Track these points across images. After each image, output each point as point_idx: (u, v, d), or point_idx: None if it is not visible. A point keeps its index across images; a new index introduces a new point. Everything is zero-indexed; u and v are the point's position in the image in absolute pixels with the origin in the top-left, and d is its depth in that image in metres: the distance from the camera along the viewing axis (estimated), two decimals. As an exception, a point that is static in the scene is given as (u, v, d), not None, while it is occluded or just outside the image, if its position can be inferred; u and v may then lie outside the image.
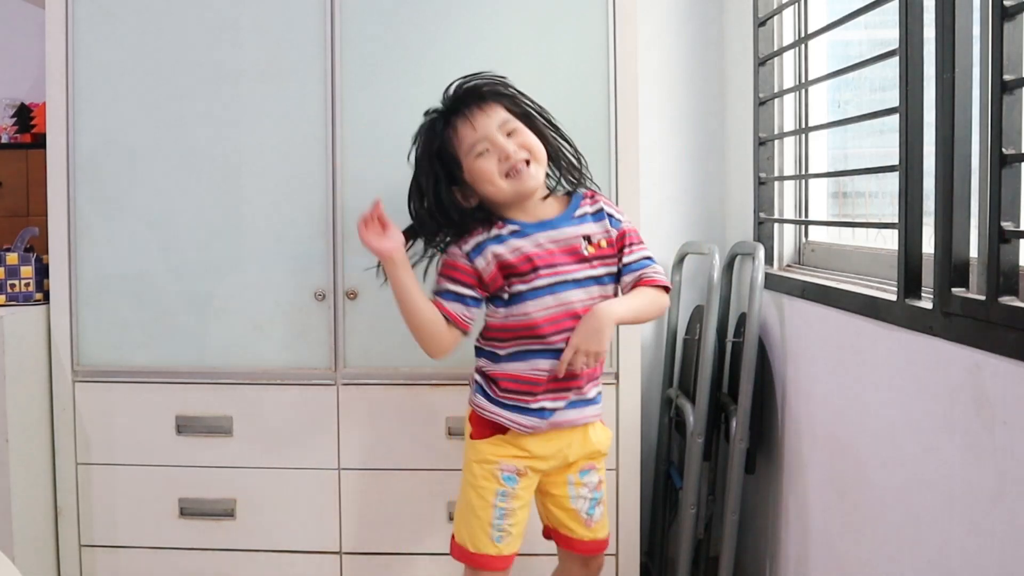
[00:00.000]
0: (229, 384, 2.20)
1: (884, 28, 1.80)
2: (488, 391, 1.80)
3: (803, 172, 2.20)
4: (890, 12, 1.59)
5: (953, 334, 1.34)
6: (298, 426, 2.20)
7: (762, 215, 2.25)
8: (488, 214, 1.77)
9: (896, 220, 1.55)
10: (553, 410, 1.77)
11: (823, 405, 1.83)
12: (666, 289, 1.82)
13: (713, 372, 2.14)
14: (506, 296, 1.75)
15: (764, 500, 2.21)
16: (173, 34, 2.18)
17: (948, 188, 1.38)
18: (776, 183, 2.24)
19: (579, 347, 1.69)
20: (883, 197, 2.01)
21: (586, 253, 1.76)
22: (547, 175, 1.81)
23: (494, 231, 1.75)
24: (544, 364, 1.75)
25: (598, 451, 1.85)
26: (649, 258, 1.83)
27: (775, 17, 2.20)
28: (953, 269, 1.37)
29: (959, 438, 1.31)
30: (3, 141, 2.62)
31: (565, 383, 1.76)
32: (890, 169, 1.59)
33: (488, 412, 1.79)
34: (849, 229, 2.06)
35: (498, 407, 1.78)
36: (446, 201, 1.75)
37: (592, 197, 1.82)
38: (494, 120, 1.72)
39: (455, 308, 1.75)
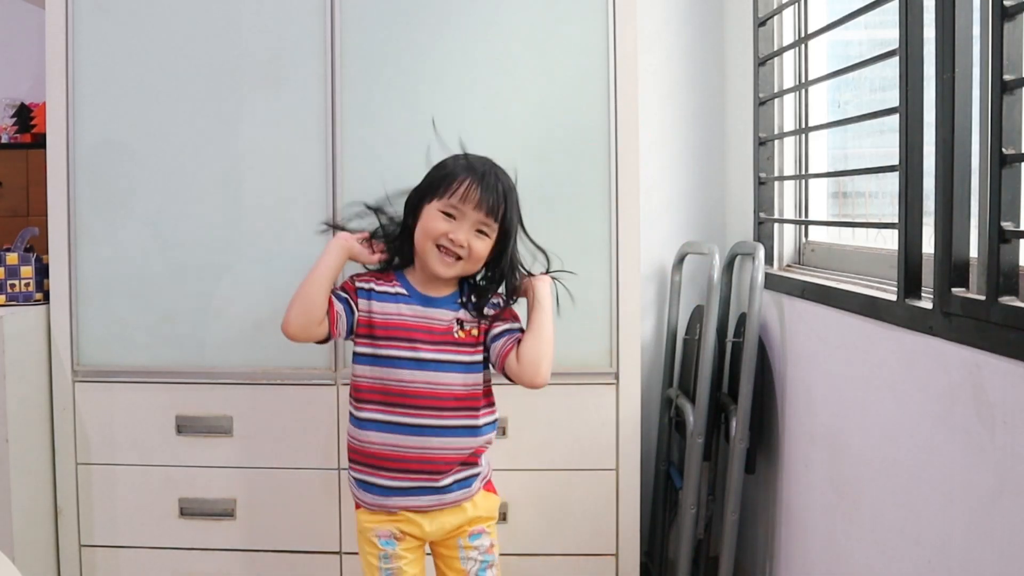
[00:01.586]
0: (229, 384, 2.20)
1: (884, 28, 1.80)
2: (349, 456, 1.81)
3: (803, 172, 2.20)
4: (890, 12, 1.59)
5: (953, 334, 1.34)
6: (298, 426, 2.20)
7: (762, 215, 2.25)
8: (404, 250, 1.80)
9: (896, 220, 1.55)
10: (398, 489, 1.74)
11: (823, 405, 1.83)
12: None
13: (713, 372, 2.14)
14: (363, 351, 1.76)
15: (764, 500, 2.21)
16: (173, 34, 2.18)
17: (948, 188, 1.38)
18: (776, 183, 2.24)
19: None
20: (883, 197, 2.01)
21: (456, 336, 1.76)
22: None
23: (383, 286, 1.78)
24: (391, 439, 1.74)
25: (483, 517, 1.81)
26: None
27: (775, 17, 2.20)
28: (953, 269, 1.37)
29: (959, 438, 1.31)
30: (3, 141, 2.62)
31: (419, 475, 1.74)
32: (890, 169, 1.59)
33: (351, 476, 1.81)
34: (849, 229, 2.06)
35: (352, 476, 1.80)
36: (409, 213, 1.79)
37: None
38: (482, 214, 1.71)
39: (339, 308, 1.77)
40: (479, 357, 1.78)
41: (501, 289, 1.82)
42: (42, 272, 2.25)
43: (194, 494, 2.22)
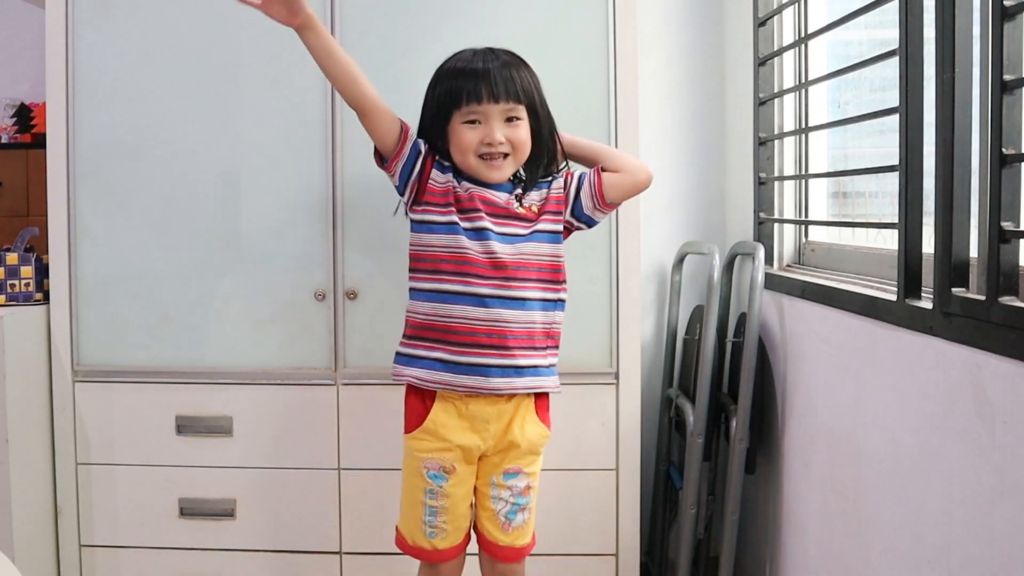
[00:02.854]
0: (229, 384, 2.20)
1: (884, 28, 1.80)
2: (402, 346, 1.77)
3: (803, 172, 2.20)
4: (890, 12, 1.59)
5: (953, 334, 1.34)
6: (298, 426, 2.20)
7: (762, 215, 2.25)
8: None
9: (896, 220, 1.55)
10: (467, 366, 1.70)
11: (823, 405, 1.83)
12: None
13: (713, 372, 2.14)
14: (429, 219, 1.73)
15: (764, 500, 2.21)
16: (173, 33, 2.18)
17: (948, 188, 1.38)
18: (776, 183, 2.24)
19: None
20: (883, 197, 2.01)
21: (518, 210, 1.73)
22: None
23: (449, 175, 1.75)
24: (460, 311, 1.70)
25: (526, 450, 1.76)
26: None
27: (775, 17, 2.20)
28: (953, 269, 1.37)
29: (959, 438, 1.31)
30: (3, 141, 2.62)
31: (489, 339, 1.69)
32: (890, 169, 1.59)
33: (400, 375, 1.75)
34: (849, 229, 2.06)
35: (405, 363, 1.74)
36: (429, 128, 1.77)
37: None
38: (503, 103, 1.68)
39: (406, 149, 1.76)
40: (545, 227, 1.75)
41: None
42: (42, 272, 2.25)
43: (194, 494, 2.22)
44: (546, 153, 1.78)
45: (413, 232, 1.77)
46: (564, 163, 1.84)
